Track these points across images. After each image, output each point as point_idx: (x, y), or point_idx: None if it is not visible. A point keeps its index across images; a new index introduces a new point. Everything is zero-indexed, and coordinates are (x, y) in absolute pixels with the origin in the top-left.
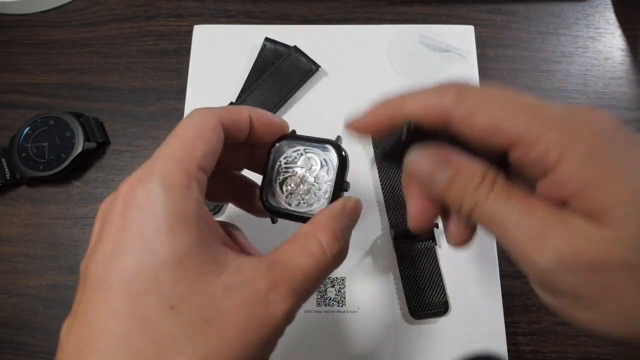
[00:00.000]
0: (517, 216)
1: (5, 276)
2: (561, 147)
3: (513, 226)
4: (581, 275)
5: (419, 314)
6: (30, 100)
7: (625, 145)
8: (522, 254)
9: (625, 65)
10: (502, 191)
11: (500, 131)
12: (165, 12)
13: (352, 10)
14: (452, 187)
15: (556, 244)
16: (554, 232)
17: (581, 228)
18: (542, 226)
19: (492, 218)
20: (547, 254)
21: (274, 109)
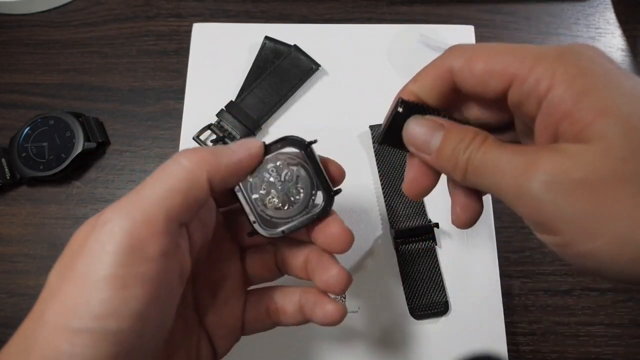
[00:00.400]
0: (508, 157)
1: (5, 276)
2: (551, 74)
3: (505, 166)
4: (573, 195)
5: (419, 314)
6: (30, 100)
7: (609, 67)
8: (515, 188)
9: (625, 65)
10: (494, 143)
11: (496, 73)
12: (165, 12)
13: (352, 10)
14: (445, 146)
15: (545, 168)
16: (543, 160)
17: (569, 150)
18: (532, 158)
19: (486, 166)
20: (537, 179)
21: (274, 107)
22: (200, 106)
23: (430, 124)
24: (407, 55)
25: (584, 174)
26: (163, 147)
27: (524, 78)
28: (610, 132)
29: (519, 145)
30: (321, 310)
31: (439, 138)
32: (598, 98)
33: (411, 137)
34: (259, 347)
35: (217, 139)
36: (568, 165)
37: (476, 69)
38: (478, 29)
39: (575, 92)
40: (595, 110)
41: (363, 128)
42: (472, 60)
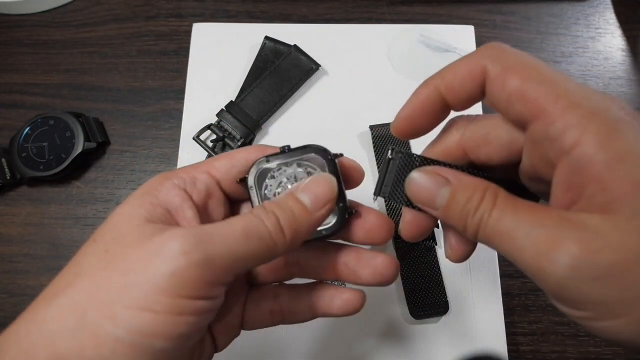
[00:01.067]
0: (526, 229)
1: (5, 276)
2: (582, 127)
3: (523, 240)
4: (601, 280)
5: (419, 314)
6: (30, 100)
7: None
8: (535, 268)
9: (625, 65)
10: (507, 205)
11: (528, 99)
12: (165, 12)
13: (352, 10)
14: (453, 205)
15: (570, 250)
16: (567, 239)
17: (595, 227)
18: (553, 235)
19: (501, 235)
20: (562, 263)
21: (274, 107)
22: (200, 106)
23: (435, 178)
24: (407, 55)
25: (612, 258)
26: (163, 147)
27: (553, 119)
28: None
29: (535, 208)
30: (339, 300)
31: (446, 195)
32: (633, 167)
33: (415, 193)
34: (259, 347)
35: (217, 139)
36: (596, 248)
37: (509, 85)
38: (478, 29)
39: (609, 157)
40: (630, 182)
41: (363, 128)
42: (508, 72)
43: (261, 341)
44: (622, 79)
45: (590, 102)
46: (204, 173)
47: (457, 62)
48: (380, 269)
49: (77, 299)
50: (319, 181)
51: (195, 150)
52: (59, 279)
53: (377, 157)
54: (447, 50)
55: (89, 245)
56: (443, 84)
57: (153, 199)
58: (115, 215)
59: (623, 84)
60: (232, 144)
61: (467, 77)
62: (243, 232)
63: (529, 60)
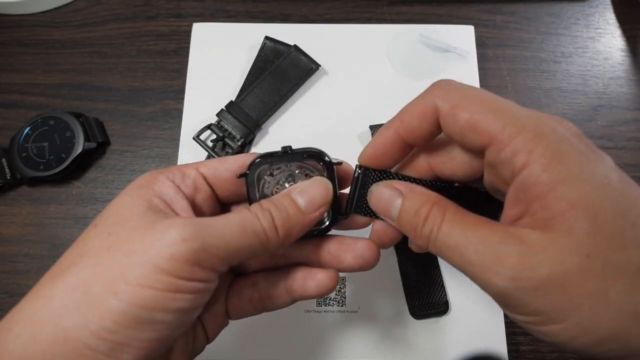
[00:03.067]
0: (473, 245)
1: (6, 276)
2: (529, 151)
3: (471, 255)
4: (539, 291)
5: (419, 314)
6: (30, 100)
7: (584, 152)
8: (483, 279)
9: (624, 65)
10: (455, 220)
11: (478, 129)
12: (165, 12)
13: (352, 10)
14: (403, 216)
15: (511, 264)
16: (509, 253)
17: (535, 242)
18: (497, 250)
19: (450, 249)
20: (505, 276)
21: (274, 107)
22: (200, 106)
23: (390, 190)
24: (407, 55)
25: (549, 271)
26: (163, 147)
27: (502, 145)
28: (578, 228)
29: (482, 224)
30: (313, 281)
31: (398, 206)
32: (571, 189)
33: (374, 204)
34: (259, 348)
35: (217, 138)
36: (534, 262)
37: (460, 119)
38: (478, 29)
39: (551, 178)
40: (567, 202)
41: (363, 128)
42: (457, 108)
43: (261, 342)
44: (622, 79)
45: (535, 125)
46: (193, 169)
47: (412, 105)
48: (362, 252)
49: (82, 277)
50: (315, 184)
51: (195, 150)
52: (62, 260)
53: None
54: (447, 50)
55: (90, 230)
56: (402, 126)
57: (150, 191)
58: (115, 204)
59: (623, 84)
60: (232, 143)
61: (422, 118)
62: (239, 227)
63: (476, 93)
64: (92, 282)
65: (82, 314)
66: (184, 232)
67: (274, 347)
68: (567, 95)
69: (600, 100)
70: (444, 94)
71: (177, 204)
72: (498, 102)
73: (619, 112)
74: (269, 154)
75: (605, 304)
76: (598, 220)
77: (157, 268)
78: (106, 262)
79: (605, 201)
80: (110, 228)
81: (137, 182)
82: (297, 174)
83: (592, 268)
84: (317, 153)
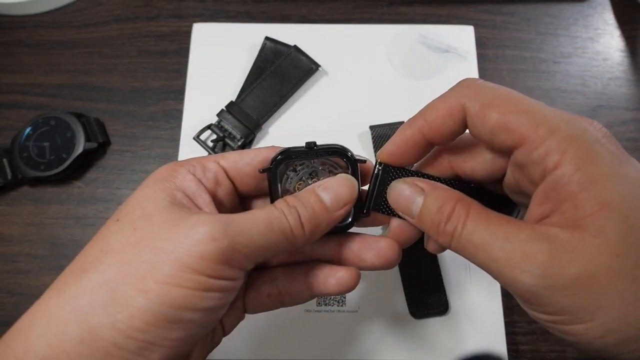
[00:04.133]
0: (500, 242)
1: (7, 276)
2: (562, 151)
3: (497, 252)
4: (568, 290)
5: (419, 314)
6: (31, 100)
7: (617, 154)
8: (510, 277)
9: (624, 65)
10: (480, 218)
11: (510, 129)
12: (166, 12)
13: (352, 10)
14: (425, 213)
15: (541, 261)
16: (538, 251)
17: (565, 241)
18: (525, 247)
19: (475, 246)
20: (534, 274)
21: (274, 107)
22: (201, 106)
23: (411, 187)
24: (407, 55)
25: (579, 270)
26: (163, 147)
27: (535, 146)
28: (609, 228)
29: (508, 222)
30: (334, 279)
31: (420, 203)
32: (604, 189)
33: (394, 201)
34: (259, 347)
35: (218, 139)
36: (563, 261)
37: (490, 119)
38: (477, 29)
39: (584, 178)
40: (599, 202)
41: (363, 128)
42: (488, 108)
43: (261, 342)
44: (621, 79)
45: (568, 126)
46: (213, 162)
47: (437, 103)
48: (385, 251)
49: (107, 275)
50: (341, 182)
51: (196, 150)
52: (84, 256)
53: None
54: (447, 50)
55: (112, 224)
56: (426, 125)
57: (172, 184)
58: (138, 197)
59: (622, 84)
60: (232, 144)
61: (448, 117)
62: (266, 224)
63: (505, 93)
64: (119, 280)
65: (110, 313)
66: (213, 231)
67: (274, 346)
68: (567, 95)
69: (599, 101)
70: (473, 93)
71: (199, 198)
72: (528, 102)
73: (618, 112)
74: (293, 150)
75: (633, 305)
76: (630, 221)
77: (186, 266)
78: (133, 259)
79: (638, 202)
80: (134, 223)
81: (157, 174)
82: (321, 170)
83: (622, 269)
84: (341, 149)
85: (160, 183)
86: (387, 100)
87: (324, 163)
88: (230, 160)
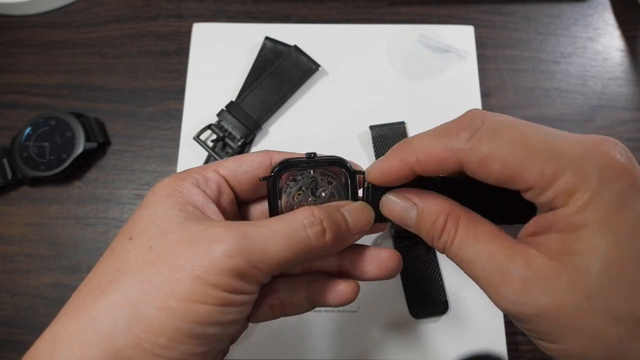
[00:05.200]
0: (482, 261)
1: (7, 275)
2: (569, 194)
3: (479, 271)
4: (536, 317)
5: (419, 314)
6: (31, 100)
7: (622, 196)
8: (489, 295)
9: (624, 65)
10: (467, 233)
11: (514, 179)
12: (166, 12)
13: (352, 11)
14: (421, 226)
15: (515, 288)
16: (513, 278)
17: (539, 268)
18: (504, 269)
19: (462, 262)
20: (507, 300)
21: (274, 107)
22: (201, 106)
23: (402, 201)
24: (406, 56)
25: (548, 301)
26: (163, 147)
27: (542, 191)
28: (587, 270)
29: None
30: (333, 292)
31: (413, 218)
32: (594, 234)
33: (388, 214)
34: (258, 347)
35: (217, 139)
36: (536, 290)
37: (493, 172)
38: (477, 30)
39: (580, 220)
40: (585, 246)
41: (363, 128)
42: (487, 161)
43: (261, 342)
44: (621, 79)
45: (576, 165)
46: (213, 172)
47: (431, 144)
48: (386, 263)
49: (128, 295)
50: (363, 209)
51: (196, 150)
52: (99, 277)
53: (377, 157)
54: (447, 50)
55: (126, 243)
56: (417, 164)
57: (181, 199)
58: (149, 215)
59: (622, 84)
60: (232, 144)
61: (442, 164)
62: (283, 238)
63: (507, 134)
64: (141, 300)
65: (134, 333)
66: (229, 249)
67: (274, 346)
68: (566, 95)
69: (599, 101)
70: (471, 146)
71: (208, 210)
72: (533, 140)
73: (617, 112)
74: (294, 160)
75: (597, 343)
76: (611, 266)
77: (206, 283)
78: (153, 278)
79: (628, 250)
80: (150, 241)
81: (163, 190)
82: (320, 181)
83: (591, 309)
84: (340, 161)
85: (169, 199)
86: (387, 100)
87: (323, 173)
88: (228, 169)
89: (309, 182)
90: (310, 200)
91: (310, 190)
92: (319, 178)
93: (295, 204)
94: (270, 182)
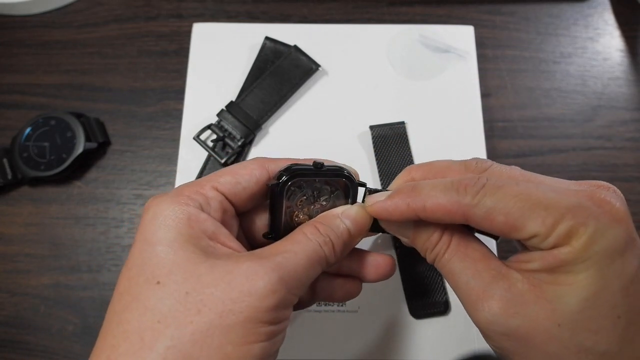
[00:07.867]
0: (467, 277)
1: (7, 276)
2: (568, 237)
3: (462, 285)
4: (505, 336)
5: (419, 314)
6: (31, 100)
7: (614, 248)
8: (466, 305)
9: (623, 65)
10: (458, 250)
11: (518, 228)
12: (166, 12)
13: (352, 11)
14: (416, 240)
15: (492, 307)
16: (493, 297)
17: (519, 293)
18: (486, 289)
19: (447, 274)
20: (483, 316)
21: (274, 107)
22: (201, 106)
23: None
24: (406, 56)
25: (519, 323)
26: (163, 147)
27: (544, 238)
28: (567, 299)
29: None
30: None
31: (410, 232)
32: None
33: (386, 228)
34: None
35: (218, 139)
36: (512, 311)
37: (497, 223)
38: (477, 30)
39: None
40: (570, 282)
41: (363, 128)
42: (492, 214)
43: None
44: (621, 79)
45: (574, 213)
46: (212, 190)
47: (441, 195)
48: (383, 268)
49: (179, 348)
50: (360, 212)
51: (196, 150)
52: (137, 331)
53: (377, 157)
54: (447, 50)
55: (155, 289)
56: (423, 211)
57: (191, 231)
58: (168, 255)
59: (622, 84)
60: (232, 143)
61: (447, 215)
62: (308, 260)
63: (507, 191)
64: (194, 352)
65: None
66: (271, 283)
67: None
68: (566, 95)
69: (599, 101)
70: (477, 202)
71: (220, 235)
72: (533, 193)
73: (617, 112)
74: (300, 169)
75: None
76: (589, 303)
77: (257, 323)
78: (202, 328)
79: (608, 292)
80: (183, 286)
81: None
82: (324, 190)
83: (559, 337)
84: (348, 174)
85: (183, 236)
86: (387, 100)
87: (327, 182)
88: (227, 186)
89: (314, 191)
90: (312, 207)
91: (314, 197)
92: (323, 187)
93: (298, 209)
94: (278, 189)
